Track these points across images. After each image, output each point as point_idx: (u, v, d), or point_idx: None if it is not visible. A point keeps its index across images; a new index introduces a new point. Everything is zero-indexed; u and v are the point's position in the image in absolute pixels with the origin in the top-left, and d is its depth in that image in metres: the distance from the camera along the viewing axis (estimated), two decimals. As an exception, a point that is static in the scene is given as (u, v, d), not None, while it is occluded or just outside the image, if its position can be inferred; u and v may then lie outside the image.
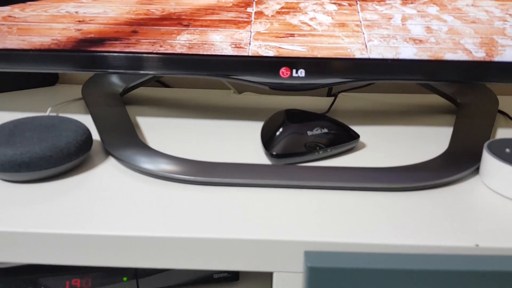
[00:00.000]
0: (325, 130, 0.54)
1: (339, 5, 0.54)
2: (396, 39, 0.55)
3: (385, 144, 0.58)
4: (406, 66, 0.55)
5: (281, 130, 0.53)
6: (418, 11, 0.54)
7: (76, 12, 0.55)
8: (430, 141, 0.59)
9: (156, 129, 0.61)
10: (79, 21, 0.55)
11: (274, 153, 0.52)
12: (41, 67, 0.57)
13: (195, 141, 0.58)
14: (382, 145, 0.58)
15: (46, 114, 0.62)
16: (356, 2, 0.54)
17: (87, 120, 0.59)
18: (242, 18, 0.54)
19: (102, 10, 0.54)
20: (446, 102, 0.69)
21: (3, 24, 0.55)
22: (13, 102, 0.69)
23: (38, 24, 0.55)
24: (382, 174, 0.49)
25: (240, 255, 0.41)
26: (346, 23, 0.54)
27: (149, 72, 0.57)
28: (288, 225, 0.42)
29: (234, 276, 0.59)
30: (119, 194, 0.47)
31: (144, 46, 0.55)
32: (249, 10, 0.54)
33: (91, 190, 0.47)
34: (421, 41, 0.55)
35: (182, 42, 0.55)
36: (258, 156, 0.54)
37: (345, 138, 0.55)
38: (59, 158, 0.48)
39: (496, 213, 0.45)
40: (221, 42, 0.55)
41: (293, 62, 0.55)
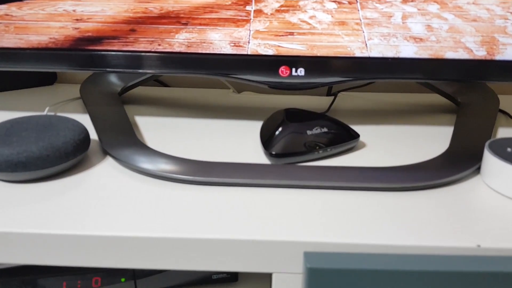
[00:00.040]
0: (325, 130, 0.53)
1: (339, 3, 0.53)
2: (396, 38, 0.54)
3: (385, 143, 0.58)
4: (407, 64, 0.55)
5: (280, 129, 0.53)
6: (419, 9, 0.53)
7: (73, 10, 0.54)
8: (431, 140, 0.58)
9: (154, 128, 0.60)
10: (77, 19, 0.54)
11: (273, 152, 0.51)
12: (38, 66, 0.57)
13: (194, 140, 0.57)
14: (382, 144, 0.57)
15: (44, 113, 0.62)
16: (356, 0, 0.53)
17: (85, 119, 0.59)
18: (241, 16, 0.54)
19: (100, 8, 0.54)
20: (447, 101, 0.69)
21: (0, 22, 0.55)
22: (10, 101, 0.69)
23: (36, 22, 0.55)
24: (382, 174, 0.49)
25: (239, 256, 0.41)
26: (346, 22, 0.54)
27: (147, 71, 0.56)
28: (287, 225, 0.42)
29: (233, 277, 0.58)
30: (117, 194, 0.46)
31: (142, 45, 0.55)
32: (248, 8, 0.54)
33: (89, 190, 0.47)
34: (421, 39, 0.54)
35: (180, 40, 0.55)
36: (257, 155, 0.54)
37: (345, 138, 0.54)
38: (56, 158, 0.47)
39: (497, 213, 0.44)
40: (220, 41, 0.55)
41: (292, 61, 0.55)
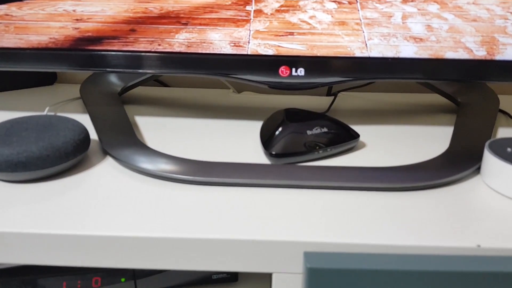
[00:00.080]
0: (324, 130, 0.53)
1: (339, 3, 0.53)
2: (396, 38, 0.54)
3: (385, 143, 0.57)
4: (407, 64, 0.55)
5: (280, 129, 0.53)
6: (419, 9, 0.53)
7: (73, 10, 0.54)
8: (431, 140, 0.58)
9: (154, 128, 0.60)
10: (77, 19, 0.54)
11: (273, 152, 0.51)
12: (38, 66, 0.57)
13: (194, 140, 0.57)
14: (382, 144, 0.57)
15: (44, 113, 0.62)
16: (356, 0, 0.53)
17: (85, 119, 0.59)
18: (241, 16, 0.54)
19: (100, 8, 0.54)
20: (447, 101, 0.69)
21: (0, 22, 0.55)
22: (11, 101, 0.69)
23: (36, 22, 0.55)
24: (382, 174, 0.49)
25: (239, 256, 0.41)
26: (346, 22, 0.54)
27: (147, 71, 0.56)
28: (287, 225, 0.42)
29: (233, 277, 0.58)
30: (117, 194, 0.46)
31: (142, 45, 0.55)
32: (248, 8, 0.54)
33: (89, 190, 0.47)
34: (421, 39, 0.54)
35: (180, 40, 0.55)
36: (257, 155, 0.54)
37: (345, 138, 0.54)
38: (56, 158, 0.47)
39: (497, 213, 0.44)
40: (220, 41, 0.55)
41: (292, 61, 0.55)
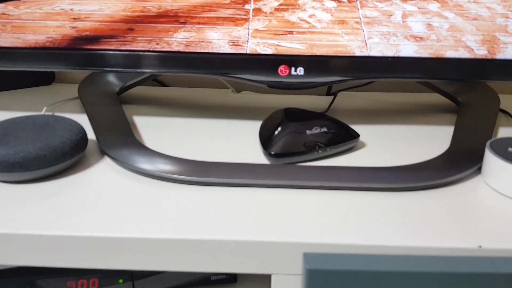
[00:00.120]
0: (324, 129, 0.53)
1: (339, 1, 0.53)
2: (396, 37, 0.54)
3: (385, 143, 0.57)
4: (407, 64, 0.55)
5: (279, 129, 0.53)
6: (419, 8, 0.53)
7: (71, 9, 0.54)
8: (431, 140, 0.58)
9: (152, 128, 0.60)
10: (74, 18, 0.54)
11: (272, 152, 0.51)
12: (36, 66, 0.56)
13: (193, 140, 0.57)
14: (382, 144, 0.57)
15: (41, 113, 0.61)
16: (355, -1, 0.53)
17: (83, 119, 0.59)
18: (240, 15, 0.54)
19: (97, 7, 0.54)
20: (447, 101, 0.68)
21: (-3, 21, 0.54)
22: (8, 101, 0.68)
23: (33, 21, 0.54)
24: (382, 174, 0.48)
25: (238, 257, 0.41)
26: (346, 20, 0.53)
27: (145, 70, 0.56)
28: (286, 226, 0.42)
29: (232, 278, 0.58)
30: (115, 194, 0.46)
31: (140, 44, 0.55)
32: (247, 7, 0.53)
33: (86, 191, 0.46)
34: (421, 38, 0.54)
35: (179, 39, 0.54)
36: (256, 155, 0.53)
37: (344, 137, 0.54)
38: (53, 158, 0.47)
39: (499, 213, 0.44)
40: (218, 40, 0.54)
41: (291, 60, 0.55)
